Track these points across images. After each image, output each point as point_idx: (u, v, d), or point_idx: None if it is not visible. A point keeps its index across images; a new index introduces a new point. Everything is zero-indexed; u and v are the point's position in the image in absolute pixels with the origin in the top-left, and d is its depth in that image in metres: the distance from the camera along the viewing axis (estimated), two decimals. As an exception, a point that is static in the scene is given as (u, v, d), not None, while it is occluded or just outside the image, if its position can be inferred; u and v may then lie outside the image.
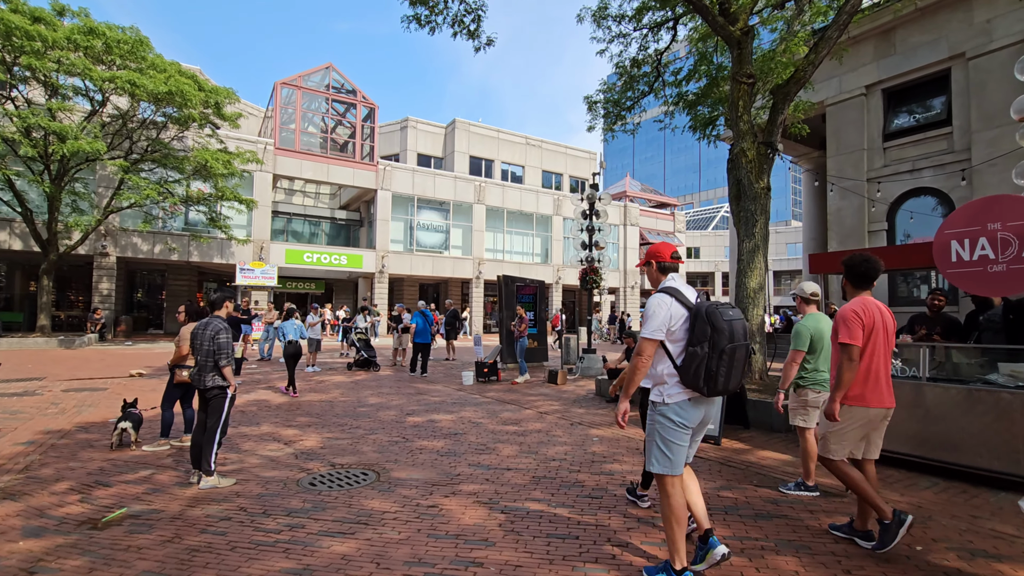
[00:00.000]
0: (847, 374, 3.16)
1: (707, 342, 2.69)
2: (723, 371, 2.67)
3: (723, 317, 2.71)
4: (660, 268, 3.00)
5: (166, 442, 5.78)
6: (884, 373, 3.26)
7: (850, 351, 3.16)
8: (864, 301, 3.28)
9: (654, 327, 2.77)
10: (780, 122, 8.72)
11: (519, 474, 4.86)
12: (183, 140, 19.96)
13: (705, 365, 2.68)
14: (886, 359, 3.26)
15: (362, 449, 5.79)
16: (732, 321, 2.73)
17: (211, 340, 4.62)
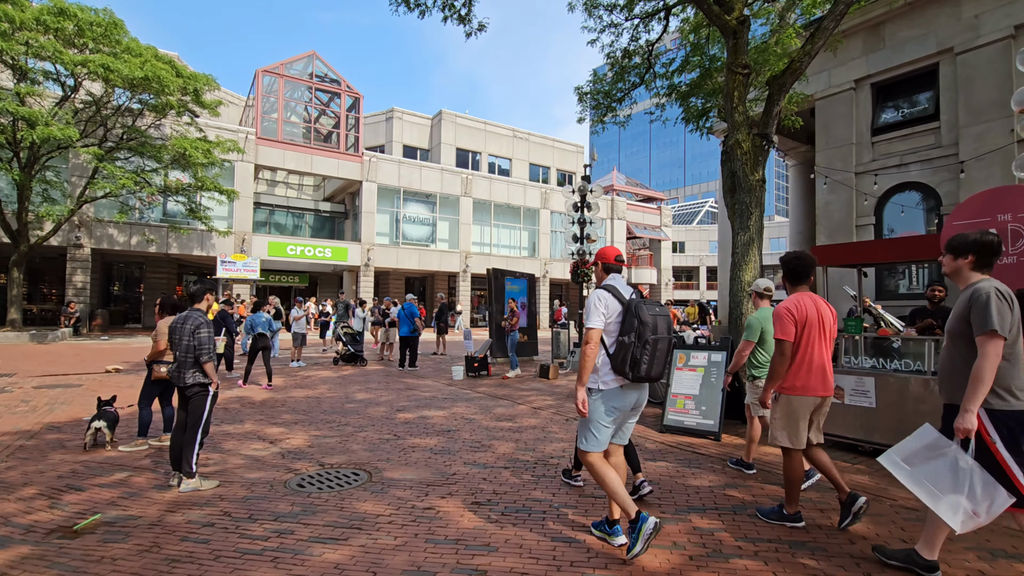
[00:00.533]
0: (779, 367, 3.43)
1: (634, 333, 3.01)
2: (646, 359, 2.99)
3: (649, 312, 3.06)
4: (605, 268, 3.39)
5: (144, 442, 5.50)
6: (819, 363, 3.44)
7: (782, 346, 3.41)
8: (799, 297, 3.50)
9: (597, 319, 3.11)
10: (776, 113, 8.62)
11: (517, 473, 4.69)
12: (160, 128, 19.33)
13: (631, 354, 3.00)
14: (821, 350, 3.45)
15: (352, 447, 5.56)
16: (656, 316, 3.06)
17: (191, 335, 4.36)
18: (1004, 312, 2.59)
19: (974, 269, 2.81)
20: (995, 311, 2.57)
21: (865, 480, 4.40)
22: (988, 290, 2.64)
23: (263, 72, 24.62)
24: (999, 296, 2.62)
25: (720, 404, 5.64)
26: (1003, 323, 2.57)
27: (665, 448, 5.48)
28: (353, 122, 27.12)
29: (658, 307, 3.13)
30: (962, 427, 2.56)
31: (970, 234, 2.83)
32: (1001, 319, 2.56)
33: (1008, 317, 2.59)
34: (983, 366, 2.55)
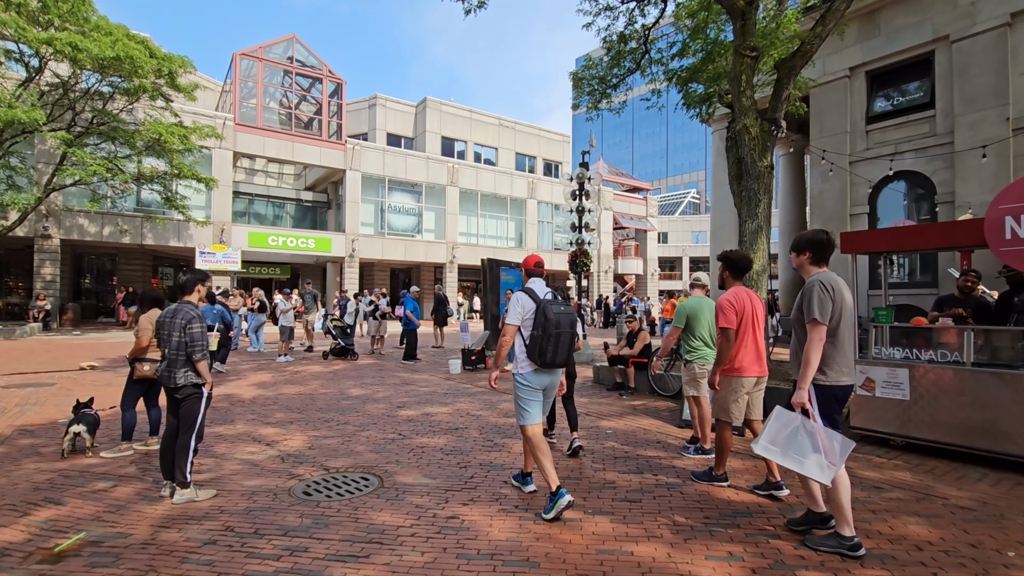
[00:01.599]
0: (725, 352, 3.86)
1: (542, 327, 3.58)
2: (550, 349, 3.59)
3: (554, 311, 3.62)
4: (527, 273, 4.00)
5: (128, 446, 5.06)
6: (754, 348, 3.95)
7: (727, 333, 3.84)
8: (736, 291, 3.96)
9: (514, 316, 3.71)
10: (785, 98, 8.40)
11: (540, 475, 4.39)
12: (133, 113, 18.40)
13: (540, 344, 3.59)
14: (756, 336, 3.95)
15: (356, 449, 5.20)
16: (560, 314, 3.62)
17: (182, 330, 3.94)
18: (825, 302, 3.01)
19: (812, 264, 3.25)
20: (817, 302, 3.02)
21: (907, 477, 4.21)
22: (815, 283, 3.07)
23: (241, 55, 23.67)
24: (822, 288, 3.03)
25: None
26: (823, 312, 3.01)
27: (684, 444, 5.24)
28: (335, 108, 26.32)
29: (563, 306, 3.69)
30: (796, 401, 3.07)
31: (807, 233, 3.29)
32: (822, 309, 3.01)
33: (829, 307, 3.01)
34: (809, 349, 3.01)
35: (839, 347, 3.07)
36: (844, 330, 3.08)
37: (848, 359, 3.13)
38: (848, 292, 3.13)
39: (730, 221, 18.13)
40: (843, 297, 3.08)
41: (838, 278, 3.11)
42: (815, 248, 3.22)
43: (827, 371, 3.07)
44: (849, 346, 3.10)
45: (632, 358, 7.56)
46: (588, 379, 9.15)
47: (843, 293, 3.08)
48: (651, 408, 6.84)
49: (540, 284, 3.86)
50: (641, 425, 5.97)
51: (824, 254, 3.22)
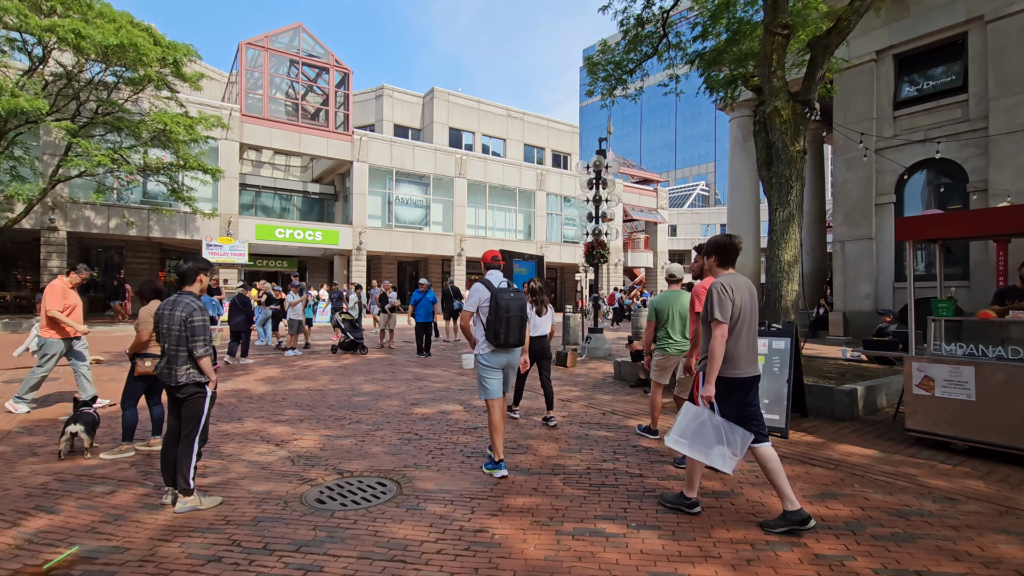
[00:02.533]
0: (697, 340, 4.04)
1: (495, 312, 4.06)
2: (503, 331, 4.07)
3: (505, 297, 4.09)
4: (486, 267, 4.49)
5: (129, 447, 4.75)
6: None
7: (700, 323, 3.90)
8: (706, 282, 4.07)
9: (471, 303, 4.23)
10: (819, 78, 7.95)
11: (571, 482, 4.04)
12: (138, 104, 18.11)
13: (494, 327, 4.06)
14: None
15: (371, 450, 4.87)
16: (509, 300, 4.10)
17: (182, 323, 3.60)
18: (724, 303, 3.18)
19: (718, 266, 3.43)
20: (717, 303, 3.20)
21: (980, 487, 3.82)
22: (716, 285, 3.24)
23: (247, 45, 23.31)
24: (722, 290, 3.21)
25: (787, 397, 5.02)
26: (723, 312, 3.18)
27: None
28: (342, 99, 25.93)
29: (513, 293, 4.19)
30: (703, 395, 3.24)
31: (713, 237, 3.46)
32: (722, 309, 3.18)
33: (728, 307, 3.18)
34: (712, 346, 3.20)
35: (740, 343, 3.27)
36: (743, 328, 3.28)
37: (749, 353, 3.32)
38: (749, 293, 3.31)
39: (746, 212, 17.66)
40: (742, 298, 3.26)
41: (740, 280, 3.32)
42: (719, 251, 3.43)
43: (734, 366, 3.26)
44: (746, 342, 3.30)
45: (658, 353, 7.17)
46: (608, 375, 8.78)
47: (743, 294, 3.27)
48: (680, 406, 6.47)
49: (497, 275, 4.38)
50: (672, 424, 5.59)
51: (728, 257, 3.42)
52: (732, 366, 3.24)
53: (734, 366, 3.25)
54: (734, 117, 17.77)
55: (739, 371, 3.25)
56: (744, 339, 3.27)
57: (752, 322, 3.32)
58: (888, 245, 13.72)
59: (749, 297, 3.29)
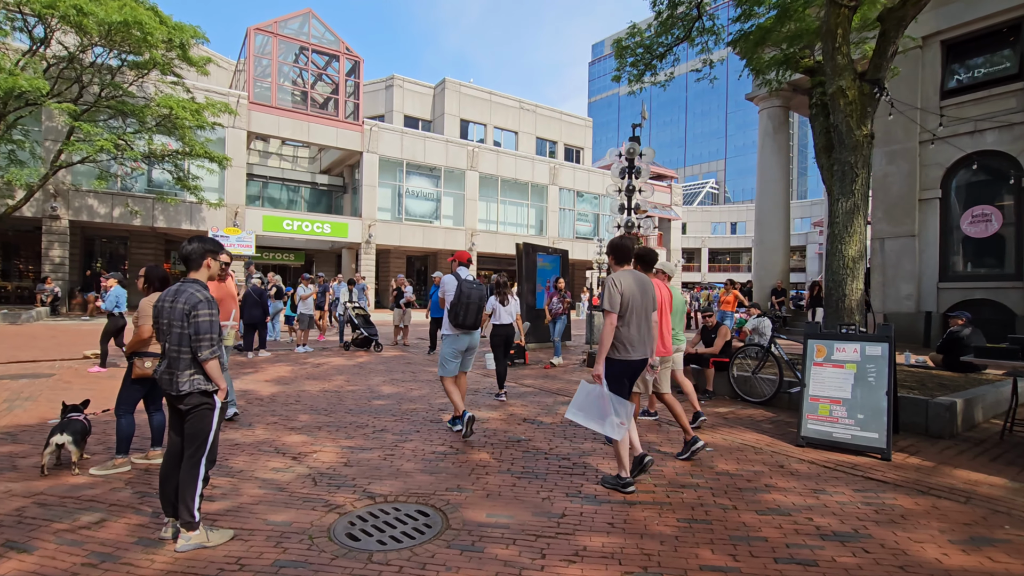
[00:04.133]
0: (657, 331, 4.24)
1: (458, 298, 5.03)
2: (462, 314, 5.02)
3: (466, 287, 5.06)
4: (459, 264, 5.37)
5: (125, 460, 4.09)
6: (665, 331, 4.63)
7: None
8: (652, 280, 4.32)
9: (446, 291, 5.17)
10: (891, 54, 7.21)
11: (653, 513, 3.36)
12: (143, 88, 17.47)
13: (455, 310, 5.03)
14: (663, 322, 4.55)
15: (402, 467, 4.20)
16: (471, 290, 5.07)
17: (185, 318, 2.93)
18: (614, 296, 3.65)
19: (616, 264, 3.89)
20: (607, 295, 3.68)
21: None
22: (608, 280, 3.72)
23: (255, 30, 22.63)
24: (612, 284, 3.68)
25: (887, 411, 4.32)
26: (612, 304, 3.65)
27: (819, 471, 4.17)
28: (352, 88, 25.24)
29: (476, 285, 5.11)
30: (594, 374, 3.69)
31: (613, 240, 3.99)
32: (611, 301, 3.65)
33: (617, 299, 3.65)
34: (602, 332, 3.67)
35: (631, 330, 3.75)
36: (632, 317, 3.74)
37: (640, 339, 3.78)
38: (640, 288, 3.78)
39: (776, 207, 16.89)
40: (632, 291, 3.74)
41: (632, 276, 3.79)
42: (615, 252, 3.94)
43: (619, 349, 3.73)
44: (636, 330, 3.75)
45: (713, 357, 6.48)
46: (647, 378, 8.08)
47: (633, 288, 3.75)
48: (743, 417, 5.78)
49: (465, 271, 5.29)
50: (744, 440, 4.91)
51: (623, 256, 3.92)
52: (623, 350, 3.74)
53: (625, 350, 3.74)
54: (764, 108, 16.99)
55: (630, 355, 3.75)
56: (634, 327, 3.76)
57: (642, 313, 3.79)
58: (932, 243, 12.94)
59: (640, 291, 3.77)
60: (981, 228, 12.16)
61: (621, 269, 3.86)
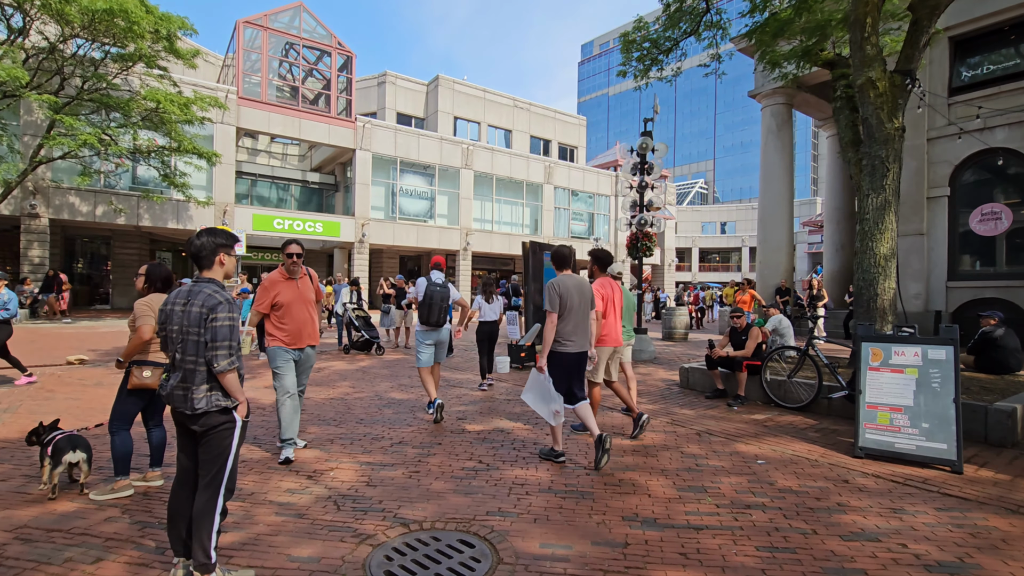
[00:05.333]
0: (596, 328, 4.74)
1: (426, 298, 5.56)
2: (426, 311, 5.56)
3: (431, 289, 5.59)
4: (434, 267, 5.94)
5: (126, 483, 3.63)
6: (614, 325, 4.99)
7: (595, 313, 4.66)
8: (603, 281, 5.02)
9: (417, 292, 5.66)
10: (923, 44, 6.96)
11: (727, 541, 2.99)
12: (127, 81, 16.79)
13: (424, 309, 5.57)
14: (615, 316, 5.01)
15: (431, 486, 3.80)
16: (435, 291, 5.58)
17: (202, 324, 2.50)
18: (552, 297, 4.24)
19: (557, 269, 4.49)
20: (547, 297, 4.28)
21: None
22: (548, 284, 4.30)
23: (244, 23, 21.97)
24: (552, 287, 4.26)
25: (956, 421, 4.00)
26: (552, 304, 4.23)
27: (889, 486, 3.84)
28: (345, 84, 24.66)
29: (440, 287, 5.62)
30: (537, 365, 4.22)
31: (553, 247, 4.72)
32: (551, 302, 4.24)
33: (556, 300, 4.22)
34: (545, 330, 4.26)
35: (568, 326, 4.23)
36: (571, 315, 4.23)
37: (578, 335, 4.28)
38: (578, 290, 4.27)
39: (780, 205, 16.69)
40: (570, 293, 4.23)
41: (571, 280, 4.30)
42: (555, 259, 4.50)
43: (562, 343, 4.23)
44: (574, 326, 4.25)
45: (745, 360, 6.15)
46: (669, 382, 7.74)
47: (570, 289, 4.24)
48: (784, 425, 5.44)
49: (437, 274, 5.75)
50: (795, 451, 4.57)
51: (563, 263, 4.45)
52: (562, 344, 4.26)
53: (563, 345, 4.26)
54: (767, 105, 16.79)
55: (568, 348, 4.27)
56: (571, 324, 4.26)
57: (580, 311, 4.28)
58: (941, 241, 12.79)
59: (577, 293, 4.28)
60: (991, 226, 12.00)
61: (561, 273, 4.42)
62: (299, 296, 4.39)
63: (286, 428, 4.28)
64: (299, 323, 4.37)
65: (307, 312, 4.45)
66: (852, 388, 5.34)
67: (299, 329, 4.37)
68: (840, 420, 5.51)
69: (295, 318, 4.36)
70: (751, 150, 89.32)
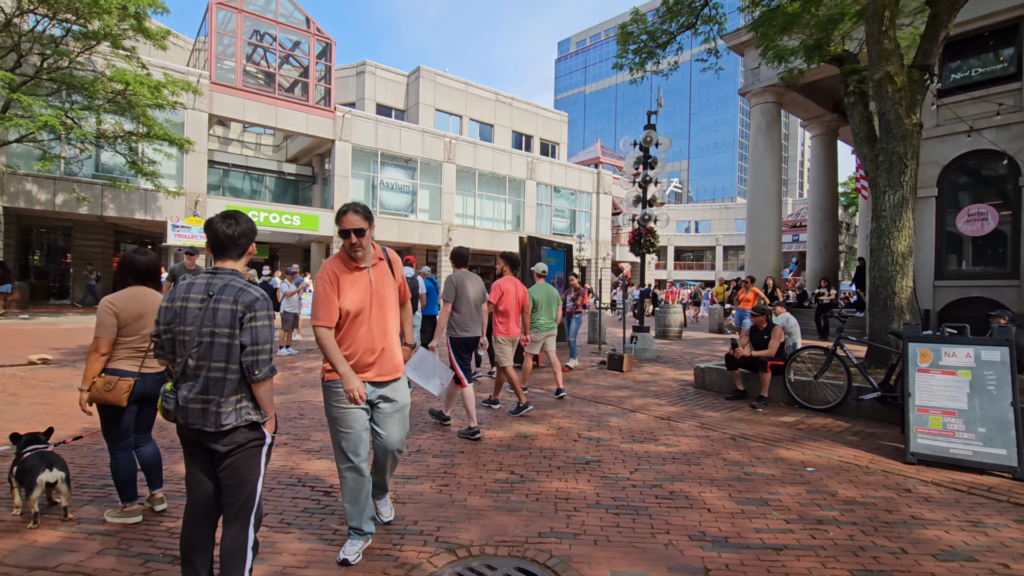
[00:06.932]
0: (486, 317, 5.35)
1: None
2: None
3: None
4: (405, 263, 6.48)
5: (134, 508, 3.10)
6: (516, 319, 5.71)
7: (491, 307, 5.58)
8: (507, 279, 5.69)
9: None
10: (942, 39, 6.86)
11: (815, 563, 2.71)
12: (91, 61, 15.71)
13: None
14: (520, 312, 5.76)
15: (469, 502, 3.42)
16: None
17: (236, 323, 2.08)
18: (449, 290, 4.86)
19: (455, 267, 5.11)
20: (444, 289, 4.90)
21: None
22: (447, 279, 4.90)
23: (217, 5, 20.91)
24: (448, 281, 4.89)
25: (1016, 425, 3.83)
26: (448, 296, 4.86)
27: (954, 495, 3.64)
28: (323, 72, 23.80)
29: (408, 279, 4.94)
30: (429, 345, 4.70)
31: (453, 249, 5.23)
32: (447, 294, 4.87)
33: (452, 292, 4.86)
34: (440, 317, 4.94)
35: (463, 314, 4.93)
36: (464, 306, 4.90)
37: (470, 322, 4.97)
38: (472, 284, 4.98)
39: (769, 203, 16.72)
40: (464, 287, 4.91)
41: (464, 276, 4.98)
42: (454, 258, 5.10)
43: (455, 329, 4.92)
44: (468, 314, 4.94)
45: (770, 360, 5.94)
46: (682, 383, 7.51)
47: (464, 284, 4.93)
48: (816, 428, 5.24)
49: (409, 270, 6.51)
50: (841, 456, 4.35)
51: (461, 262, 5.07)
52: (455, 330, 4.90)
53: (456, 331, 4.90)
54: (756, 104, 16.81)
55: (460, 334, 4.91)
56: (465, 313, 4.92)
57: (471, 303, 4.92)
58: (928, 241, 12.96)
59: (471, 287, 4.94)
60: (977, 226, 12.20)
61: (458, 270, 5.01)
62: (373, 295, 2.77)
63: (351, 513, 2.74)
64: (372, 339, 2.75)
65: (385, 321, 2.81)
66: (885, 390, 5.19)
67: (372, 348, 2.74)
68: (872, 423, 5.35)
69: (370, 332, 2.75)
70: (724, 151, 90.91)
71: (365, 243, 2.71)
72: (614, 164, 40.39)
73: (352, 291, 2.70)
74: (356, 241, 2.67)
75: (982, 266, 12.40)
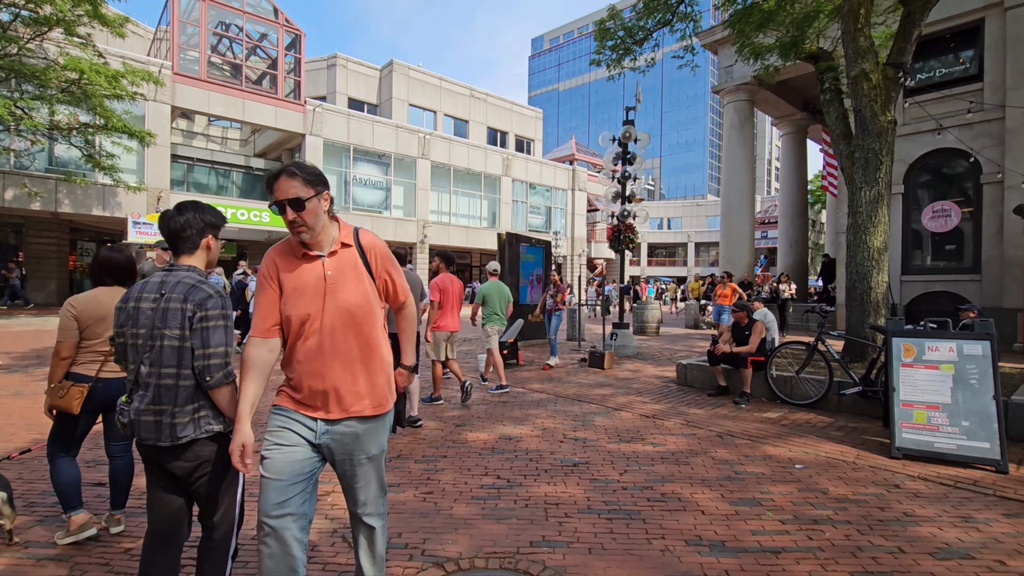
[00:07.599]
0: (434, 316, 5.85)
1: None
2: None
3: None
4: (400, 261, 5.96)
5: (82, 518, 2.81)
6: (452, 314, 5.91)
7: (434, 304, 5.76)
8: (444, 276, 5.86)
9: None
10: (915, 37, 6.96)
11: (815, 566, 2.64)
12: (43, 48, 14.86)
13: None
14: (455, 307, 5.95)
15: (455, 511, 3.26)
16: None
17: (186, 323, 1.87)
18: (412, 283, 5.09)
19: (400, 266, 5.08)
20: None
21: None
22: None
23: (180, -7, 20.09)
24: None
25: (997, 418, 3.86)
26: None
27: (941, 490, 3.64)
28: (293, 64, 23.13)
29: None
30: None
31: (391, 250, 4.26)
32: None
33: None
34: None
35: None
36: None
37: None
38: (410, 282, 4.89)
39: (743, 199, 16.93)
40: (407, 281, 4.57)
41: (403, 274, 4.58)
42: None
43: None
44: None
45: (751, 356, 5.93)
46: (664, 379, 7.47)
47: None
48: (800, 423, 5.24)
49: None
50: (827, 452, 4.33)
51: (401, 262, 5.05)
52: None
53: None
54: (729, 102, 17.00)
55: None
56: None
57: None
58: (895, 237, 13.23)
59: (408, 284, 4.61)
60: (941, 223, 12.58)
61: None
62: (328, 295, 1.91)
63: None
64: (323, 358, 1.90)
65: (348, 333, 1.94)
66: (866, 384, 5.23)
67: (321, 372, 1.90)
68: (854, 417, 5.38)
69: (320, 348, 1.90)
70: (695, 148, 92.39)
71: (309, 220, 1.86)
72: (589, 161, 40.53)
73: (296, 288, 1.89)
74: (294, 217, 1.84)
75: (945, 261, 12.80)
